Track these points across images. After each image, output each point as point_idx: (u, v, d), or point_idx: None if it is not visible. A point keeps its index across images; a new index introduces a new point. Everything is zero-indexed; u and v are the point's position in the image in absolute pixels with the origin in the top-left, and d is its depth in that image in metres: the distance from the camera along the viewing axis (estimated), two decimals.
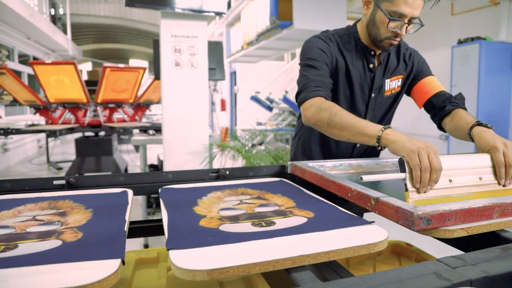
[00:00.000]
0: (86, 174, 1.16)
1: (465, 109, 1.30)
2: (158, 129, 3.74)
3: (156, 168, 4.11)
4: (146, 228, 1.09)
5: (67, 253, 0.59)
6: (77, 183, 1.09)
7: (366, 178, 0.80)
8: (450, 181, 0.87)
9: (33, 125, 5.16)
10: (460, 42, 4.86)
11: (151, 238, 3.03)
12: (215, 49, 2.95)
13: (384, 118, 1.44)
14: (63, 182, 1.08)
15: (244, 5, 6.19)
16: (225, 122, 10.98)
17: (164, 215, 0.79)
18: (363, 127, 1.00)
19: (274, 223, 0.74)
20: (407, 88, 1.45)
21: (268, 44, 5.60)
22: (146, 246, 3.07)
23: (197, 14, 2.50)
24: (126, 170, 5.56)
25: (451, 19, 5.66)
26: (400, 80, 1.39)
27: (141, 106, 5.34)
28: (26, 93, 4.56)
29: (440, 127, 1.38)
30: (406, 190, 0.83)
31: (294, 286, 0.58)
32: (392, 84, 1.37)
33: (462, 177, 0.90)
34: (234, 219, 0.76)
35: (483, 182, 0.92)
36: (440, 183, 0.85)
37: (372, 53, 1.32)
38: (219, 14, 2.53)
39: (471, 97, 4.63)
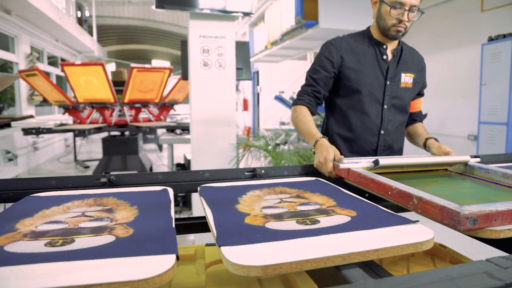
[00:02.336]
0: (126, 173, 1.19)
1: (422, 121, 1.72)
2: (184, 129, 3.79)
3: (183, 167, 4.16)
4: (177, 226, 1.11)
5: (122, 248, 0.61)
6: (117, 181, 1.12)
7: (342, 165, 1.11)
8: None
9: (62, 124, 5.31)
10: (491, 40, 4.72)
11: (178, 237, 3.07)
12: (242, 49, 2.97)
13: (403, 108, 1.60)
14: (104, 180, 1.11)
15: (267, 5, 6.20)
16: (248, 122, 11.01)
17: (208, 212, 0.80)
18: (306, 136, 1.43)
19: (318, 221, 0.74)
20: None
21: (293, 44, 5.60)
22: None
23: (225, 14, 2.52)
24: (151, 169, 5.66)
25: (481, 15, 5.50)
26: (412, 78, 1.59)
27: (166, 106, 5.42)
28: (56, 93, 4.70)
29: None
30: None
31: (345, 283, 0.58)
32: (407, 78, 1.57)
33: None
34: (278, 217, 0.77)
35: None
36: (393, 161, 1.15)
37: (384, 46, 1.53)
38: (247, 14, 2.55)
39: (503, 96, 4.49)
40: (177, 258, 0.57)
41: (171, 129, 4.12)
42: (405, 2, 1.36)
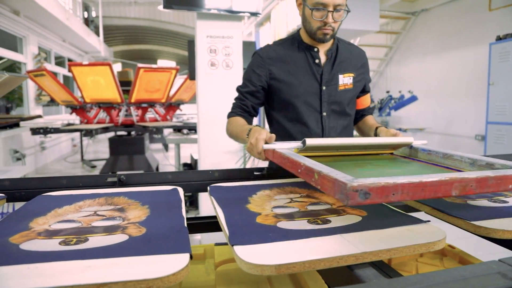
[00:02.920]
0: (135, 172, 1.20)
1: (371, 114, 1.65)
2: (191, 128, 3.80)
3: (190, 166, 4.18)
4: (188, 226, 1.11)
5: (136, 247, 0.61)
6: (127, 180, 1.13)
7: (266, 146, 1.03)
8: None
9: (69, 124, 5.35)
10: (499, 39, 4.68)
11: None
12: (249, 49, 2.97)
13: (344, 112, 1.50)
14: (115, 179, 1.12)
15: (274, 5, 6.20)
16: (255, 121, 10.98)
17: (219, 212, 0.81)
18: (241, 136, 1.30)
19: (329, 221, 0.74)
20: None
21: None
22: None
23: (233, 14, 2.53)
24: (157, 168, 5.68)
25: (489, 14, 5.46)
26: (351, 78, 1.49)
27: (172, 106, 5.44)
28: (64, 93, 4.74)
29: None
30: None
31: (358, 282, 0.58)
32: (345, 80, 1.47)
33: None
34: (289, 216, 0.77)
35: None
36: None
37: (316, 49, 1.43)
38: (254, 14, 2.55)
39: (511, 96, 4.46)
40: (191, 257, 0.58)
41: (178, 129, 4.13)
42: (327, 3, 1.27)
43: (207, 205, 2.73)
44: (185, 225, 0.72)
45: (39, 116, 4.27)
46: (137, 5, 13.52)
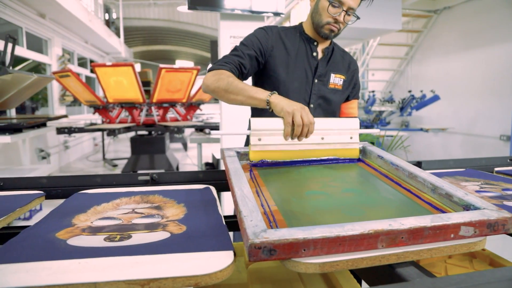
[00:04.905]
0: (167, 171, 1.22)
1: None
2: (212, 128, 3.83)
3: (212, 166, 4.21)
4: None
5: (179, 244, 0.63)
6: (159, 179, 1.15)
7: (214, 133, 1.04)
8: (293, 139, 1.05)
9: (92, 124, 5.46)
10: None
11: None
12: None
13: (328, 110, 1.52)
14: (147, 178, 1.15)
15: (293, 4, 6.19)
16: None
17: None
18: (254, 92, 1.15)
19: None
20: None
21: None
22: None
23: (256, 15, 2.54)
24: (177, 168, 5.74)
25: None
26: (342, 80, 1.52)
27: (193, 106, 5.49)
28: (88, 93, 4.84)
29: None
30: (249, 143, 1.04)
31: (400, 281, 0.58)
32: (336, 79, 1.51)
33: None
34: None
35: (323, 141, 1.13)
36: (283, 141, 1.07)
37: (315, 43, 1.48)
38: (277, 14, 2.56)
39: None
40: (234, 254, 0.59)
41: (200, 129, 4.17)
42: (344, 2, 1.32)
43: (230, 204, 2.74)
44: (224, 223, 0.73)
45: (65, 116, 4.37)
46: (157, 6, 13.70)
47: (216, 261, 0.55)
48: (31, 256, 0.59)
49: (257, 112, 1.51)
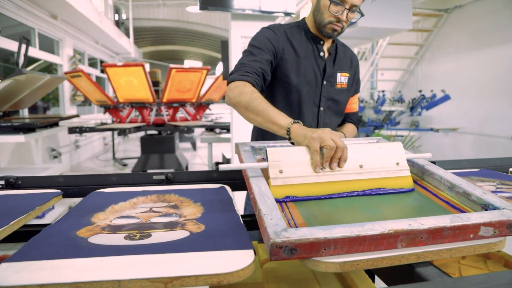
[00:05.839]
0: (181, 171, 1.23)
1: (355, 124, 1.57)
2: (223, 128, 3.84)
3: None
4: None
5: (199, 243, 0.63)
6: (174, 178, 1.16)
7: (222, 167, 0.82)
8: (322, 169, 0.86)
9: (103, 123, 5.51)
10: None
11: None
12: None
13: (337, 111, 1.48)
14: (162, 177, 1.16)
15: (303, 4, 6.17)
16: None
17: None
18: (275, 116, 1.05)
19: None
20: None
21: None
22: None
23: (267, 15, 2.54)
24: (187, 167, 5.77)
25: None
26: (347, 78, 1.47)
27: (202, 106, 5.51)
28: (99, 93, 4.88)
29: None
30: (269, 177, 0.82)
31: (420, 280, 0.58)
32: (342, 79, 1.45)
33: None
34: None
35: (362, 170, 0.89)
36: (311, 171, 0.85)
37: (321, 42, 1.41)
38: (288, 14, 2.56)
39: None
40: (255, 253, 0.59)
41: (210, 129, 4.17)
42: (347, 0, 1.25)
43: (240, 204, 2.75)
44: (242, 222, 0.74)
45: (77, 116, 4.42)
46: (166, 7, 13.77)
47: (238, 259, 0.56)
48: (54, 254, 0.60)
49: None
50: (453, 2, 6.77)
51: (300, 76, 1.37)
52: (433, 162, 1.35)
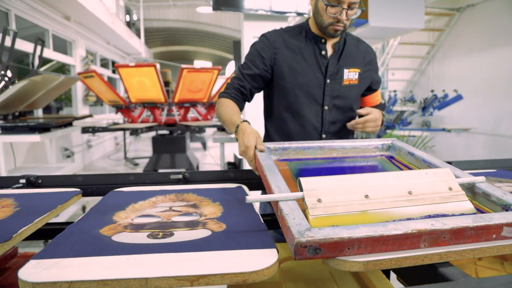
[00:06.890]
0: (198, 170, 1.24)
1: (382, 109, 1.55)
2: None
3: (234, 165, 4.24)
4: None
5: (221, 242, 0.64)
6: (191, 177, 1.17)
7: (250, 198, 0.73)
8: (366, 196, 0.74)
9: (115, 123, 5.56)
10: None
11: None
12: None
13: (345, 108, 1.46)
14: (179, 176, 1.17)
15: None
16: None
17: None
18: (229, 119, 1.24)
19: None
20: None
21: None
22: None
23: (279, 15, 2.54)
24: (197, 167, 5.80)
25: None
26: (357, 74, 1.45)
27: (213, 105, 5.53)
28: (111, 93, 4.93)
29: None
30: (306, 207, 0.71)
31: (443, 281, 0.58)
32: (351, 75, 1.43)
33: (383, 191, 0.76)
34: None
35: (412, 197, 0.76)
36: (353, 198, 0.73)
37: (323, 41, 1.40)
38: (300, 14, 2.56)
39: None
40: (277, 252, 0.60)
41: (222, 128, 4.19)
42: (343, 0, 1.24)
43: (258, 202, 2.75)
44: (262, 221, 0.74)
45: (90, 116, 4.47)
46: (176, 7, 13.85)
47: (262, 258, 0.57)
48: (81, 252, 0.61)
49: (269, 114, 1.52)
50: (466, 1, 6.69)
51: (297, 77, 1.39)
52: (449, 163, 1.35)
